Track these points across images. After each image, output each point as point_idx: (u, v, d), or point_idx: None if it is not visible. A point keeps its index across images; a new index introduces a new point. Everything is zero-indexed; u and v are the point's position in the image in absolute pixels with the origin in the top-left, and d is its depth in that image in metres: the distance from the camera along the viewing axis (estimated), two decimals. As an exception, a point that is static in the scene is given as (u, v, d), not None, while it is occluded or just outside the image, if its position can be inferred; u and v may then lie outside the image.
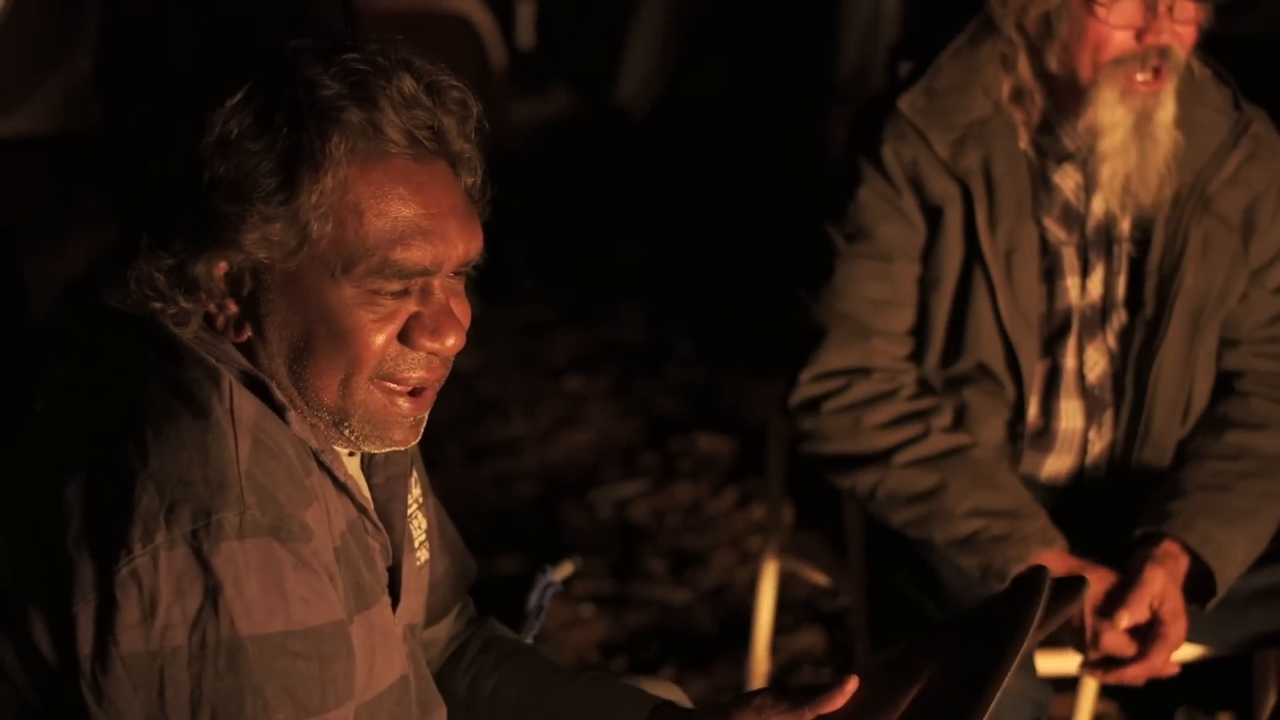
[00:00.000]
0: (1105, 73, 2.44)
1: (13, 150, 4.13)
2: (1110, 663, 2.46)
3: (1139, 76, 2.44)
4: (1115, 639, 2.43)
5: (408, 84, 1.66)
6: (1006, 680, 1.65)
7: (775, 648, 3.43)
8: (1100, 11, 2.42)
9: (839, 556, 2.90)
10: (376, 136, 1.64)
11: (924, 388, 2.61)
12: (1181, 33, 2.44)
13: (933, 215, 2.56)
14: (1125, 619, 2.42)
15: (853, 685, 1.77)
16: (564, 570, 2.38)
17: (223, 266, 1.65)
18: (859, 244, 2.57)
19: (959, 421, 2.60)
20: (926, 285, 2.58)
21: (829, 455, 2.61)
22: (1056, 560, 2.46)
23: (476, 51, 5.69)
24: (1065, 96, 2.50)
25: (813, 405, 2.60)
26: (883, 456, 2.56)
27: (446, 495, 2.14)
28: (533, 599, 2.29)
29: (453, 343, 1.70)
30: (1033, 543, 2.47)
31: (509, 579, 2.34)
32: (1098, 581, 2.45)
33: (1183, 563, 2.47)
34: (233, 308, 1.68)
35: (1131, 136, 2.46)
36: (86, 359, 1.72)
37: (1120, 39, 2.43)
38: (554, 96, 7.71)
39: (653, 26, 6.92)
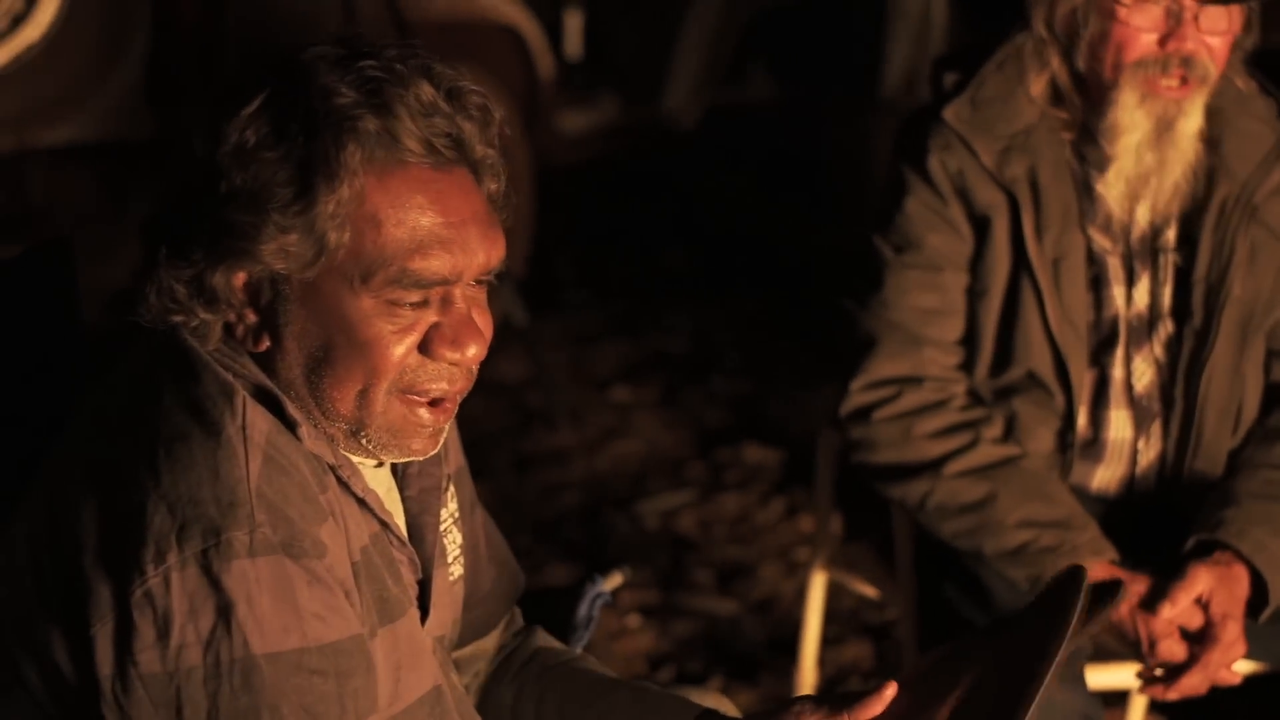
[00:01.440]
0: (1127, 74, 2.44)
1: (67, 158, 4.16)
2: (1169, 675, 2.43)
3: (1163, 82, 2.44)
4: (1168, 643, 2.41)
5: (425, 91, 1.63)
6: (1045, 685, 1.64)
7: (822, 659, 3.42)
8: (1121, 12, 2.42)
9: (887, 568, 2.89)
10: (393, 145, 1.62)
11: (974, 399, 2.61)
12: (1211, 43, 2.43)
13: (980, 225, 2.56)
14: (1166, 609, 2.40)
15: (891, 691, 1.76)
16: (614, 581, 2.36)
17: (241, 277, 1.64)
18: (907, 254, 2.57)
19: (1009, 431, 2.59)
20: (975, 295, 2.58)
21: (879, 464, 2.61)
22: (1104, 571, 2.45)
23: (524, 61, 5.69)
24: (1096, 99, 2.50)
25: (863, 414, 2.59)
26: (933, 466, 2.55)
27: (494, 506, 2.14)
28: (582, 610, 2.28)
29: (474, 353, 1.68)
30: (1083, 554, 2.46)
31: (557, 590, 2.33)
32: (1144, 584, 2.44)
33: (1236, 570, 2.45)
34: (252, 318, 1.66)
35: (1148, 141, 2.46)
36: (112, 375, 1.71)
37: (1143, 41, 2.43)
38: (602, 106, 7.71)
39: (701, 36, 6.91)
